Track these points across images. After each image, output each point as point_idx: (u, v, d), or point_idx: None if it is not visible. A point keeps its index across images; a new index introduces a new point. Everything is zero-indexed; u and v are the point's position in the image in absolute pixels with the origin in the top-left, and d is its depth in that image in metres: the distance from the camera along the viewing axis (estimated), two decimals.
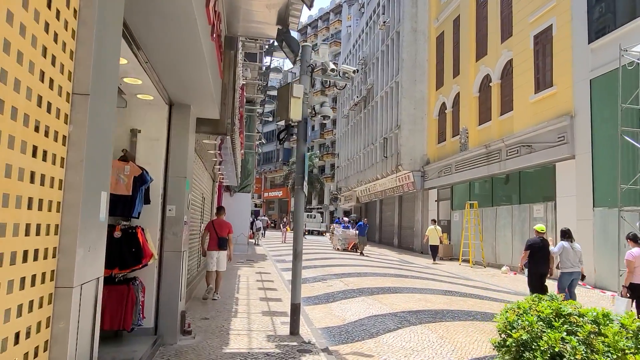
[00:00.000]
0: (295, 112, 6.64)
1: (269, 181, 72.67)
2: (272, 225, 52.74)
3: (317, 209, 57.85)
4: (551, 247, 8.64)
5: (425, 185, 24.31)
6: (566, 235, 8.49)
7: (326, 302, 9.39)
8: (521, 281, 13.36)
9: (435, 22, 24.66)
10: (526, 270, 8.83)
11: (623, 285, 7.17)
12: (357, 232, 21.91)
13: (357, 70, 6.80)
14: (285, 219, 28.28)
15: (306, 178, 6.77)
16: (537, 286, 8.31)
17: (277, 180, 69.51)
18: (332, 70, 7.17)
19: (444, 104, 23.41)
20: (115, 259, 5.12)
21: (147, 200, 5.56)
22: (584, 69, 13.26)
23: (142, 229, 5.45)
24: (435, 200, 23.54)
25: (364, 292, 10.50)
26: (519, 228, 15.96)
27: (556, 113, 14.23)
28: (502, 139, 16.89)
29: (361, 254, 20.95)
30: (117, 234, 5.22)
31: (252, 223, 27.94)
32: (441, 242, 19.37)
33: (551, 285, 8.76)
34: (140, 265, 5.30)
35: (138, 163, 5.65)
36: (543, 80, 15.22)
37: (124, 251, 5.17)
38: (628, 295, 7.03)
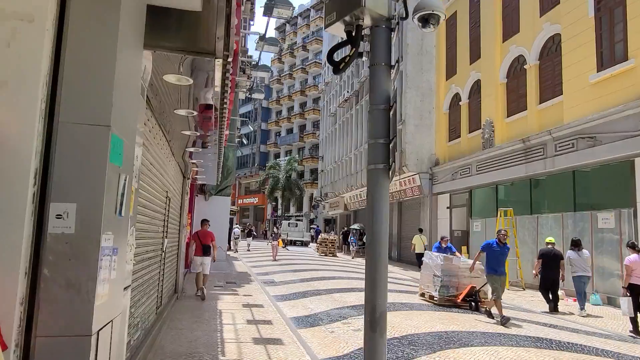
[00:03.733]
0: (377, 2, 2.97)
1: (243, 187, 68.37)
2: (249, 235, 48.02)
3: (296, 217, 54.03)
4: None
5: (434, 189, 20.93)
6: (575, 244, 10.25)
7: None
8: (607, 315, 10.00)
9: (445, 2, 21.44)
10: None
11: (623, 287, 8.21)
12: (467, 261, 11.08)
13: None
14: (276, 229, 23.87)
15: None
16: (547, 289, 10.37)
17: (253, 187, 65.34)
18: None
19: (457, 95, 20.14)
20: None
21: None
22: None
23: None
24: (447, 207, 20.16)
25: (415, 343, 6.82)
26: None
27: (635, 94, 11.01)
28: (548, 130, 13.61)
29: (491, 312, 9.01)
30: None
31: (229, 231, 23.99)
32: (425, 249, 18.04)
33: None
34: None
35: None
36: (611, 54, 12.03)
37: None
38: (628, 294, 8.00)
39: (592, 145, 12.08)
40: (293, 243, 37.83)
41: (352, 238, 24.53)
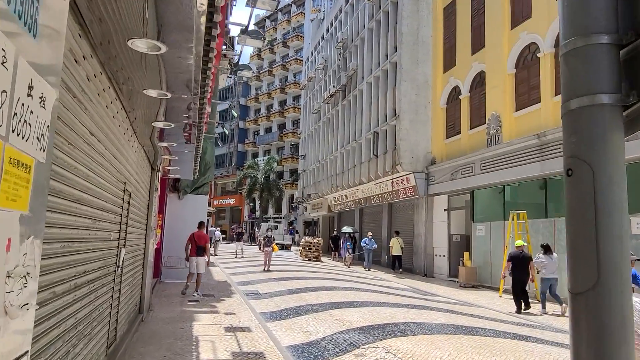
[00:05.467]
0: None
1: (219, 187, 65.83)
2: (239, 238, 44.85)
3: (275, 218, 52.01)
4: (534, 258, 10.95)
5: (429, 190, 19.36)
6: (546, 249, 10.76)
7: None
8: None
9: None
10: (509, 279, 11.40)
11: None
12: None
13: None
14: (270, 233, 20.21)
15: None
16: (518, 291, 10.83)
17: (229, 187, 62.96)
18: None
19: (456, 88, 18.65)
20: None
21: None
22: None
23: None
24: (445, 210, 18.60)
25: None
26: None
27: None
28: None
29: None
30: None
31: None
32: (402, 252, 20.02)
33: None
34: None
35: None
36: None
37: None
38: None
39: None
40: None
41: (347, 243, 22.32)
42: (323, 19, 37.03)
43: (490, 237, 15.56)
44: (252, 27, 11.08)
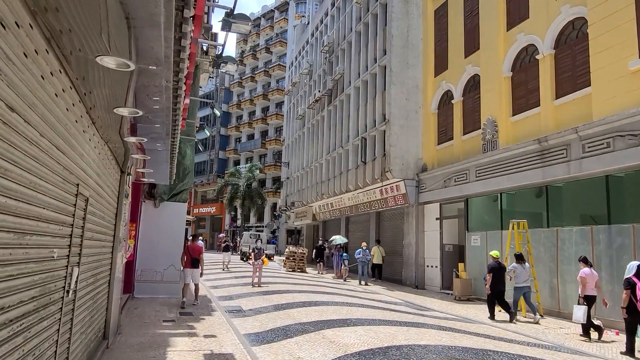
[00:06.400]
0: None
1: (199, 195, 64.17)
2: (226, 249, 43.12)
3: (257, 227, 50.71)
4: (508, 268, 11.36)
5: (420, 198, 18.57)
6: (519, 258, 11.14)
7: None
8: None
9: None
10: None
11: (580, 296, 9.09)
12: None
13: None
14: (260, 244, 18.64)
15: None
16: (494, 300, 11.21)
17: (210, 195, 61.37)
18: None
19: (448, 92, 17.99)
20: None
21: None
22: None
23: None
24: (437, 219, 17.82)
25: None
26: (611, 260, 10.49)
27: None
28: (573, 128, 11.50)
29: None
30: None
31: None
32: (383, 261, 20.17)
33: None
34: None
35: None
36: None
37: None
38: (585, 303, 8.91)
39: (636, 144, 10.00)
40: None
41: (343, 255, 20.94)
42: (308, 23, 36.28)
43: (486, 248, 14.78)
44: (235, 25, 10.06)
